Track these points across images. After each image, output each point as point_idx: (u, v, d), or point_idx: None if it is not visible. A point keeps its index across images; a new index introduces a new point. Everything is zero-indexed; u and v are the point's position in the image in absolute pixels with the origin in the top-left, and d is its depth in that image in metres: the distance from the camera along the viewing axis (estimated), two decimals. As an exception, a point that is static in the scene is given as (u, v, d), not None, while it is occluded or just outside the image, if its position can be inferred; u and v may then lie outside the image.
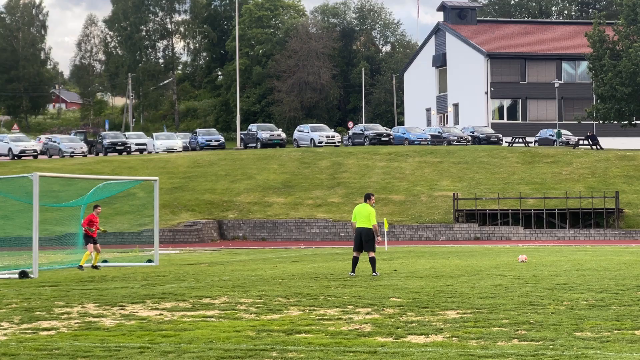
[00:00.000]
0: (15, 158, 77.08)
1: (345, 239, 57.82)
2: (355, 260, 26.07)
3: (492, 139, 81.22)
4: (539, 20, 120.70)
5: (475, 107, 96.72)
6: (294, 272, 27.88)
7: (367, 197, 26.44)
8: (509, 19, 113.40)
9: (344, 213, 60.79)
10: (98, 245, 32.24)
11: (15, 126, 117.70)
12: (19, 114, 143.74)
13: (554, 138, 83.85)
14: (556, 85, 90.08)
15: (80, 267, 31.47)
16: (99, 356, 12.62)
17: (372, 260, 26.15)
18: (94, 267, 32.08)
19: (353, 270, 26.00)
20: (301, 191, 64.41)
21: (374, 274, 25.89)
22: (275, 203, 63.04)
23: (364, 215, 25.89)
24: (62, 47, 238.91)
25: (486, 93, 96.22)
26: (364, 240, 25.82)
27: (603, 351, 12.46)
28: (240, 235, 60.76)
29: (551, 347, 12.86)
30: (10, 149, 78.26)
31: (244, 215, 61.95)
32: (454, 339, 13.78)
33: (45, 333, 15.15)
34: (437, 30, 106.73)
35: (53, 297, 21.19)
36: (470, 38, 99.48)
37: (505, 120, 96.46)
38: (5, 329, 15.70)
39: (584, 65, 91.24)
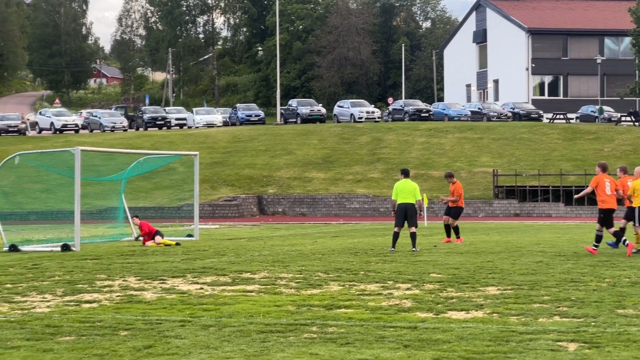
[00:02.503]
0: (57, 132, 77.62)
1: (385, 214, 57.78)
2: (396, 236, 26.04)
3: (533, 116, 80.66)
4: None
5: (515, 83, 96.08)
6: (334, 247, 27.91)
7: (408, 173, 26.42)
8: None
9: (383, 189, 60.73)
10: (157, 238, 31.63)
11: (57, 101, 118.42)
12: (61, 89, 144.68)
13: (596, 114, 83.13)
14: (598, 61, 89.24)
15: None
16: (141, 329, 12.69)
17: (413, 236, 26.13)
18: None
19: (393, 246, 25.97)
20: (341, 166, 64.39)
21: (413, 249, 25.87)
22: (315, 178, 63.08)
23: (409, 191, 25.86)
24: (102, 22, 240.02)
25: (527, 69, 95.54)
26: (409, 215, 25.80)
27: (645, 328, 12.37)
28: (280, 210, 60.88)
29: (593, 324, 12.78)
30: (52, 124, 78.83)
31: (283, 191, 62.05)
32: (494, 315, 13.73)
33: (87, 305, 15.27)
34: (477, 6, 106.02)
35: (95, 270, 21.36)
36: (511, 14, 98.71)
37: (546, 97, 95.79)
38: (48, 301, 15.84)
39: (627, 41, 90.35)
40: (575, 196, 28.09)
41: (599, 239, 24.31)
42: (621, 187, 24.91)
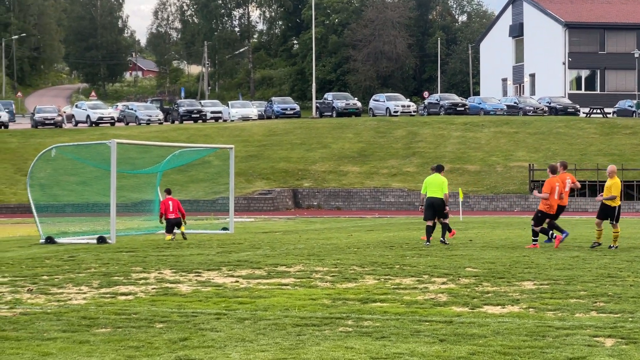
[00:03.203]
0: (93, 125, 78.01)
1: (420, 208, 57.62)
2: (429, 230, 25.98)
3: (570, 110, 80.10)
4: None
5: (552, 77, 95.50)
6: (369, 241, 27.88)
7: (441, 169, 26.38)
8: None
9: (418, 182, 60.48)
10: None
11: (93, 94, 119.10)
12: (97, 82, 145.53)
13: (633, 109, 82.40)
14: (636, 55, 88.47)
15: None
16: (176, 321, 12.73)
17: (444, 227, 26.16)
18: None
19: (428, 240, 25.90)
20: (376, 160, 64.30)
21: (441, 239, 25.87)
22: (350, 172, 63.03)
23: (437, 185, 25.88)
24: (138, 15, 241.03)
25: (564, 63, 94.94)
26: (437, 209, 25.82)
27: (684, 325, 12.26)
28: (315, 203, 60.89)
29: (630, 319, 12.68)
30: (88, 116, 79.23)
31: (318, 184, 62.04)
32: (530, 310, 13.66)
33: (123, 298, 15.34)
34: (514, 0, 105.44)
35: (130, 262, 21.45)
36: (548, 7, 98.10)
37: (583, 91, 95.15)
38: (84, 293, 15.93)
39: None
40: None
41: (545, 231, 24.91)
42: (560, 183, 24.88)
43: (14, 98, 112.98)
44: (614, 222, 24.09)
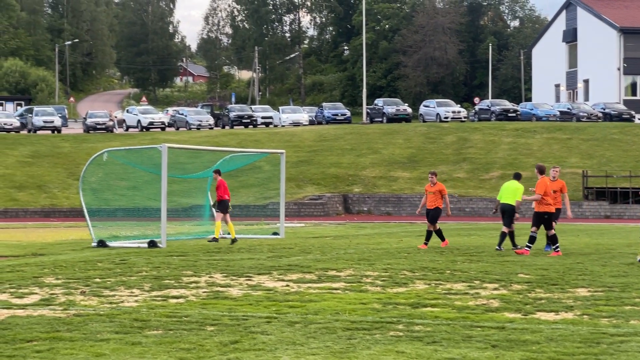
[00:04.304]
0: (144, 130, 78.53)
1: (471, 214, 57.37)
2: (502, 236, 25.92)
3: (624, 116, 79.27)
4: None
5: (606, 83, 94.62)
6: (418, 245, 27.74)
7: (519, 176, 26.72)
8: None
9: (469, 188, 60.28)
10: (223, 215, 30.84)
11: (143, 98, 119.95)
12: (147, 87, 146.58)
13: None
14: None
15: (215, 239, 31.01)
16: (227, 324, 12.73)
17: (502, 235, 26.01)
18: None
19: (499, 245, 25.86)
20: (426, 166, 64.06)
21: (497, 248, 25.78)
22: (400, 178, 62.88)
23: (511, 191, 25.98)
24: (188, 20, 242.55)
25: (618, 69, 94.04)
26: (505, 215, 25.99)
27: None
28: (365, 209, 60.81)
29: (687, 327, 12.50)
30: (139, 121, 79.77)
31: (369, 190, 61.97)
32: (584, 316, 13.50)
33: (174, 301, 15.38)
34: (568, 5, 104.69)
35: (181, 266, 21.53)
36: (602, 12, 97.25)
37: (638, 97, 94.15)
38: (136, 296, 16.00)
39: None
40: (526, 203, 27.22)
41: (533, 240, 24.67)
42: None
43: (66, 103, 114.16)
44: None
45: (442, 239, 27.87)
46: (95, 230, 30.80)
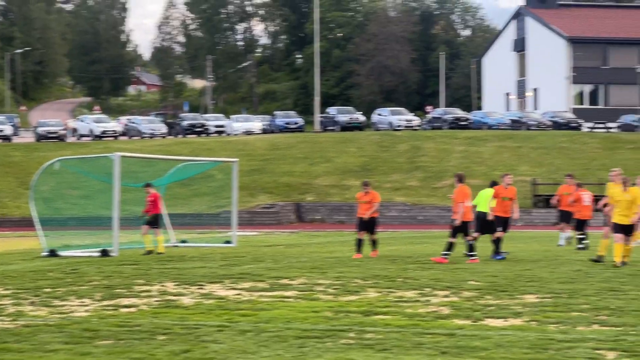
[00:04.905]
0: (97, 139, 78.09)
1: (423, 222, 57.62)
2: (496, 242, 26.20)
3: (573, 125, 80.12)
4: (622, 4, 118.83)
5: (555, 92, 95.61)
6: (369, 254, 27.84)
7: (496, 184, 26.74)
8: (591, 3, 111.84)
9: (421, 197, 60.58)
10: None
11: (96, 107, 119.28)
12: (100, 96, 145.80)
13: (637, 124, 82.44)
14: (638, 70, 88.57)
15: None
16: (178, 333, 12.75)
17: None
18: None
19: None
20: (379, 174, 64.29)
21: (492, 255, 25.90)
22: (353, 186, 62.99)
23: (485, 198, 26.62)
24: (141, 29, 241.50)
25: (567, 78, 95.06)
26: (479, 222, 26.11)
27: (686, 338, 12.26)
28: (318, 217, 60.89)
29: (632, 332, 12.69)
30: (91, 130, 79.32)
31: (322, 198, 62.07)
32: (533, 322, 13.67)
33: (125, 310, 15.35)
34: (517, 15, 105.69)
35: (133, 275, 21.47)
36: (551, 22, 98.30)
37: (586, 106, 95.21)
38: (86, 305, 15.94)
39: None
40: (457, 221, 27.33)
41: (471, 248, 24.79)
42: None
43: (17, 112, 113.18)
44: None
45: (360, 250, 27.26)
46: (46, 240, 30.58)
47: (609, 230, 23.88)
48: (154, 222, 29.98)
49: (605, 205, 25.27)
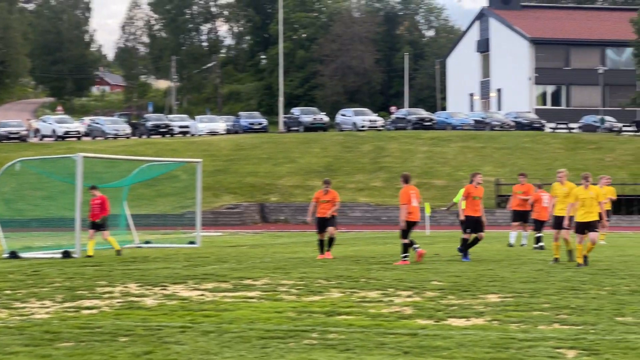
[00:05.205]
0: (59, 139, 77.64)
1: (387, 223, 57.76)
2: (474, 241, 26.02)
3: (535, 125, 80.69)
4: (584, 5, 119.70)
5: (518, 92, 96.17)
6: (335, 254, 27.89)
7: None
8: (553, 5, 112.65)
9: (385, 197, 60.70)
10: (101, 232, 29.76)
11: (59, 108, 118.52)
12: (63, 96, 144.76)
13: (598, 124, 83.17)
14: (600, 71, 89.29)
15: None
16: (141, 335, 12.70)
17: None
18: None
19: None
20: (343, 175, 64.39)
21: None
22: (317, 186, 62.86)
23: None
24: (105, 29, 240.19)
25: (530, 79, 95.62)
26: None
27: (645, 336, 12.38)
28: (282, 218, 60.88)
29: (592, 331, 12.79)
30: (54, 130, 78.86)
31: (286, 199, 62.07)
32: (494, 322, 13.74)
33: (87, 312, 15.27)
34: (481, 16, 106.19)
35: (95, 276, 21.36)
36: (514, 23, 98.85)
37: (548, 106, 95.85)
38: (47, 307, 15.84)
39: (628, 51, 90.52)
40: (401, 224, 27.39)
41: (407, 248, 24.68)
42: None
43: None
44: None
45: (324, 250, 27.14)
46: (7, 241, 30.37)
47: (559, 232, 24.10)
48: (102, 225, 29.43)
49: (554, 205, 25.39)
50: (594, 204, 22.93)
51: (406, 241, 24.68)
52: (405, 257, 24.47)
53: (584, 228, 22.99)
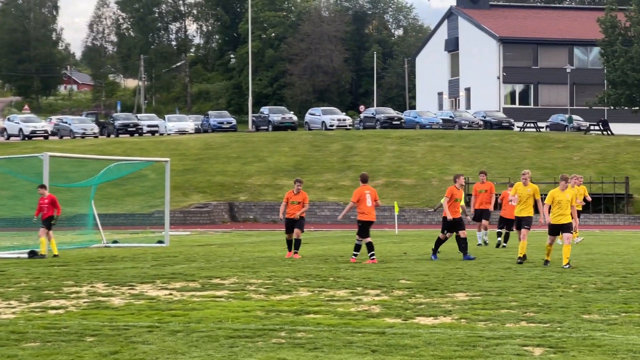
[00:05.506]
0: (26, 138, 77.16)
1: (355, 222, 57.73)
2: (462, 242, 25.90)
3: (504, 124, 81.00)
4: (552, 5, 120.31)
5: (487, 91, 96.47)
6: (304, 254, 27.90)
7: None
8: (521, 4, 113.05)
9: (354, 196, 60.69)
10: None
11: (26, 107, 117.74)
12: (30, 95, 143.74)
13: (565, 123, 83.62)
14: (568, 70, 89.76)
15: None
16: (108, 335, 12.64)
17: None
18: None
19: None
20: (312, 174, 64.39)
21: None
22: (286, 185, 62.97)
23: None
24: (72, 28, 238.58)
25: (498, 78, 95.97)
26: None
27: (610, 333, 12.46)
28: (251, 217, 60.81)
29: (559, 329, 12.86)
30: (21, 130, 78.36)
31: (254, 198, 62.00)
32: (462, 320, 13.79)
33: (53, 312, 15.18)
34: (449, 15, 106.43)
35: (62, 276, 21.24)
36: (482, 22, 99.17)
37: (517, 105, 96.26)
38: (14, 308, 15.74)
39: (595, 50, 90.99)
40: (339, 217, 27.72)
41: (357, 248, 24.71)
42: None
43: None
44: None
45: (297, 248, 27.03)
46: (-26, 242, 30.16)
47: (523, 233, 24.14)
48: (51, 224, 28.88)
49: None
50: (568, 207, 22.84)
51: (367, 240, 24.63)
52: (371, 255, 24.48)
53: (558, 230, 22.93)
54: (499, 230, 31.07)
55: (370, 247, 24.59)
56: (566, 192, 22.79)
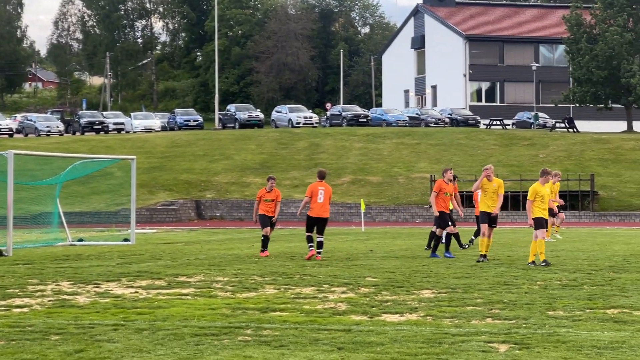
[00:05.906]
0: (-9, 136, 76.62)
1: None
2: (449, 238, 26.03)
3: (470, 121, 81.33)
4: (518, 3, 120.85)
5: (453, 89, 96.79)
6: (270, 251, 27.87)
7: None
8: (487, 2, 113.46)
9: (321, 194, 60.70)
10: None
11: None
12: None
13: (531, 121, 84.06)
14: (534, 68, 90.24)
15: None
16: (72, 333, 12.57)
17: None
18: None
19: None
20: (278, 172, 64.31)
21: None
22: (252, 183, 62.97)
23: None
24: (37, 25, 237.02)
25: (464, 75, 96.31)
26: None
27: (575, 330, 12.55)
28: (218, 215, 60.71)
29: (524, 325, 12.93)
30: (-15, 128, 77.78)
31: (221, 195, 61.89)
32: (428, 317, 13.83)
33: (18, 310, 15.08)
34: (416, 12, 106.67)
35: (27, 275, 21.10)
36: (449, 20, 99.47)
37: (483, 103, 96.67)
38: (-22, 306, 15.63)
39: (561, 48, 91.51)
40: (297, 213, 27.88)
41: (309, 239, 24.80)
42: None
43: None
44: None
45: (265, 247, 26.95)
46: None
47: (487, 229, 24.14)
48: None
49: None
50: (548, 201, 22.82)
51: (309, 234, 24.71)
52: (311, 247, 24.54)
53: (546, 222, 22.91)
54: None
55: (309, 239, 24.66)
56: (546, 186, 22.75)
